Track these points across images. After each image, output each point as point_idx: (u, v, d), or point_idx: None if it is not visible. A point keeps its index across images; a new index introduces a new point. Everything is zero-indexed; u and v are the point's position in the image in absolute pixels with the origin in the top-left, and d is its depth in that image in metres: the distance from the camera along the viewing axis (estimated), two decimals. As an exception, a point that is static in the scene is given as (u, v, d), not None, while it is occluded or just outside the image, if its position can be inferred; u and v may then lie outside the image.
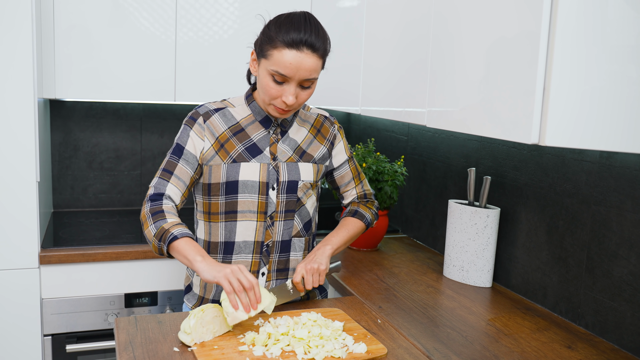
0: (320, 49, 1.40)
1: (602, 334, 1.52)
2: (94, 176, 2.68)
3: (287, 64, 1.38)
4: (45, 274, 2.05)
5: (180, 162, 1.51)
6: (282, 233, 1.56)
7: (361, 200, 1.75)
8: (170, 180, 1.50)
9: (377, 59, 1.91)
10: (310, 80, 1.42)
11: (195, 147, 1.52)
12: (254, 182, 1.51)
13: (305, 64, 1.38)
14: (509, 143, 1.85)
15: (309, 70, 1.40)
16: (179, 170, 1.51)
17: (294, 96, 1.42)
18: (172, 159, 1.52)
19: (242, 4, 2.39)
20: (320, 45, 1.40)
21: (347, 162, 1.70)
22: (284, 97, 1.42)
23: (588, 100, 1.10)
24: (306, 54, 1.38)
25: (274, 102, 1.45)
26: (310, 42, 1.38)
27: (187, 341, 1.31)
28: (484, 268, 1.85)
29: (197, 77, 2.38)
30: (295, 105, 1.45)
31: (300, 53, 1.37)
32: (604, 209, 1.51)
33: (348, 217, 1.70)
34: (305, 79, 1.41)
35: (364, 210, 1.71)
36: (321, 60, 1.43)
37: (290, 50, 1.37)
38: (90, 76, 2.24)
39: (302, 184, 1.56)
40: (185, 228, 1.43)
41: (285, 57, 1.37)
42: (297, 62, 1.37)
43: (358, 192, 1.74)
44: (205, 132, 1.52)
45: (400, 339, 1.44)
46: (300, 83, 1.42)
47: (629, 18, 1.08)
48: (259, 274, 1.56)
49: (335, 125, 1.66)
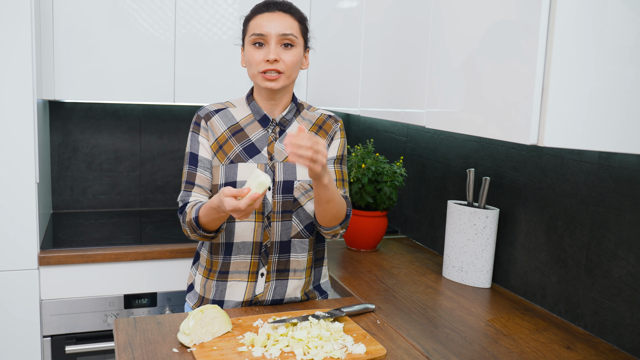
0: (293, 11, 1.50)
1: (601, 335, 1.52)
2: (93, 177, 2.68)
3: (261, 23, 1.47)
4: (45, 275, 2.05)
5: (199, 171, 1.54)
6: (281, 234, 1.55)
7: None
8: (194, 190, 1.54)
9: (376, 59, 1.91)
10: (288, 37, 1.47)
11: (207, 150, 1.55)
12: None
13: (276, 19, 1.47)
14: (508, 144, 1.85)
15: (284, 25, 1.47)
16: (199, 179, 1.54)
17: (276, 54, 1.46)
18: (190, 169, 1.55)
19: (241, 5, 2.39)
20: (293, 9, 1.50)
21: (334, 161, 1.60)
22: (267, 56, 1.46)
23: (586, 101, 1.10)
24: (277, 13, 1.48)
25: (259, 67, 1.48)
26: (280, 3, 1.49)
27: (186, 342, 1.31)
28: (483, 269, 1.85)
29: (196, 78, 2.38)
30: (282, 66, 1.47)
31: (271, 13, 1.48)
32: (602, 209, 1.51)
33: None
34: (282, 33, 1.46)
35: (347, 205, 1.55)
36: (297, 23, 1.50)
37: (262, 14, 1.48)
38: (89, 77, 2.25)
39: (299, 184, 1.54)
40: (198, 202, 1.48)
41: (258, 20, 1.48)
42: (269, 18, 1.47)
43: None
44: (208, 133, 1.55)
45: (399, 339, 1.44)
46: (281, 41, 1.47)
47: (627, 19, 1.09)
48: (258, 274, 1.56)
49: (339, 124, 1.63)
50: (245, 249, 1.55)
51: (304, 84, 2.53)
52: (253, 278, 1.55)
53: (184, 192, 1.55)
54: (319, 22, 2.41)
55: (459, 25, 1.41)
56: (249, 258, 1.55)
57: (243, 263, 1.55)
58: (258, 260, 1.55)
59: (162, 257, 2.17)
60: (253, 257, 1.55)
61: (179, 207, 1.56)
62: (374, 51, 1.92)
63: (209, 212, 1.41)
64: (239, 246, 1.55)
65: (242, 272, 1.55)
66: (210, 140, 1.54)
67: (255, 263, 1.55)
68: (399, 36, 1.74)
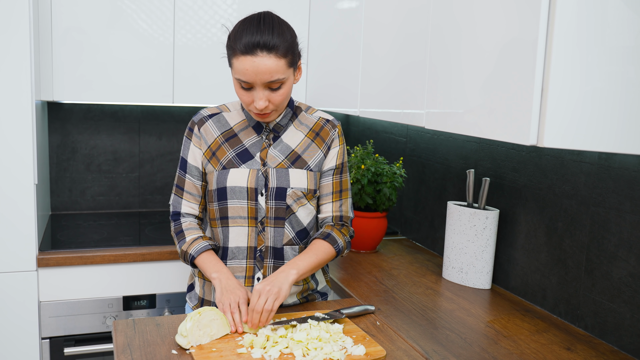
0: (277, 47, 1.35)
1: (601, 336, 1.51)
2: (92, 178, 2.68)
3: (245, 71, 1.36)
4: (43, 276, 2.04)
5: (187, 177, 1.58)
6: (274, 239, 1.54)
7: (336, 223, 1.60)
8: (184, 197, 1.59)
9: (375, 60, 1.90)
10: (275, 81, 1.38)
11: (196, 158, 1.56)
12: (242, 187, 1.50)
13: (262, 67, 1.35)
14: (507, 144, 1.85)
15: (269, 72, 1.36)
16: (188, 186, 1.58)
17: (264, 100, 1.40)
18: (180, 174, 1.59)
19: (241, 6, 2.39)
20: (277, 43, 1.35)
21: (333, 172, 1.58)
22: (255, 103, 1.41)
23: (586, 101, 1.10)
24: (261, 57, 1.34)
25: (249, 107, 1.45)
26: (264, 43, 1.34)
27: (184, 344, 1.30)
28: (483, 270, 1.85)
29: (195, 79, 2.38)
30: (272, 107, 1.43)
31: (255, 58, 1.35)
32: (603, 210, 1.51)
33: (319, 239, 1.54)
34: (269, 81, 1.37)
35: (338, 235, 1.55)
36: (283, 59, 1.37)
37: (246, 56, 1.35)
38: (88, 78, 2.24)
39: (292, 191, 1.51)
40: (201, 241, 1.54)
41: (242, 64, 1.36)
42: (253, 67, 1.35)
43: (333, 211, 1.59)
44: (201, 140, 1.55)
45: (399, 341, 1.43)
46: (268, 86, 1.39)
47: (627, 19, 1.08)
48: (254, 279, 1.55)
49: (337, 129, 1.59)
50: (240, 253, 1.54)
51: (303, 85, 2.53)
52: (249, 283, 1.55)
53: (174, 196, 1.60)
54: (319, 23, 2.40)
55: (459, 26, 1.41)
56: (244, 263, 1.54)
57: (239, 267, 1.55)
58: (253, 265, 1.55)
59: (161, 259, 2.16)
60: (248, 261, 1.54)
61: (171, 211, 1.61)
62: (373, 52, 1.92)
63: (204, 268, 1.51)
64: (234, 251, 1.54)
65: (239, 276, 1.55)
66: (203, 148, 1.55)
67: (250, 268, 1.55)
68: (398, 36, 1.74)
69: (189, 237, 1.55)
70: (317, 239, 1.55)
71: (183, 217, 1.59)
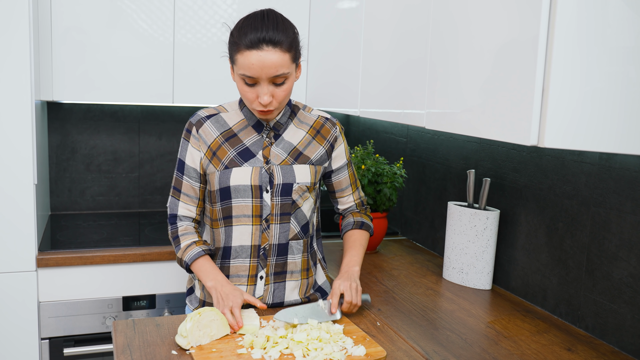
0: (282, 42, 1.38)
1: (602, 336, 1.51)
2: (91, 179, 2.67)
3: (251, 65, 1.37)
4: (43, 277, 2.04)
5: (185, 179, 1.57)
6: (279, 236, 1.54)
7: (360, 209, 1.73)
8: (180, 199, 1.59)
9: (375, 60, 1.90)
10: (280, 76, 1.40)
11: (194, 160, 1.55)
12: (246, 186, 1.51)
13: (268, 61, 1.37)
14: (508, 145, 1.85)
15: (275, 66, 1.38)
16: (185, 187, 1.58)
17: (269, 95, 1.41)
18: (177, 176, 1.59)
19: (241, 6, 2.39)
20: (282, 38, 1.38)
21: (346, 166, 1.67)
22: (260, 99, 1.42)
23: (587, 101, 1.09)
24: (267, 51, 1.37)
25: (252, 105, 1.45)
26: (269, 38, 1.36)
27: (184, 344, 1.30)
28: (484, 270, 1.84)
29: (195, 78, 2.38)
30: (275, 103, 1.44)
31: (260, 52, 1.37)
32: (603, 210, 1.50)
33: (356, 230, 1.67)
34: (274, 75, 1.39)
35: (366, 219, 1.71)
36: (288, 54, 1.40)
37: (251, 51, 1.37)
38: (88, 78, 2.24)
39: (298, 186, 1.54)
40: (195, 247, 1.54)
41: (248, 59, 1.37)
42: (259, 61, 1.37)
43: (355, 199, 1.72)
44: (200, 142, 1.55)
45: (399, 341, 1.43)
46: (272, 81, 1.41)
47: (628, 19, 1.08)
48: (257, 277, 1.55)
49: (337, 127, 1.63)
50: (243, 252, 1.54)
51: (303, 85, 2.53)
52: (252, 282, 1.55)
53: (172, 198, 1.60)
54: (318, 23, 2.40)
55: (459, 26, 1.40)
56: (248, 262, 1.54)
57: (242, 267, 1.55)
58: (257, 263, 1.55)
59: (161, 259, 2.16)
60: (252, 260, 1.54)
61: (168, 214, 1.61)
62: (373, 51, 1.91)
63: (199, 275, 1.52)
64: (237, 250, 1.54)
65: (242, 275, 1.55)
66: (202, 150, 1.54)
67: (254, 266, 1.55)
68: (399, 36, 1.74)
69: (184, 242, 1.56)
70: (354, 229, 1.67)
71: (180, 220, 1.59)
